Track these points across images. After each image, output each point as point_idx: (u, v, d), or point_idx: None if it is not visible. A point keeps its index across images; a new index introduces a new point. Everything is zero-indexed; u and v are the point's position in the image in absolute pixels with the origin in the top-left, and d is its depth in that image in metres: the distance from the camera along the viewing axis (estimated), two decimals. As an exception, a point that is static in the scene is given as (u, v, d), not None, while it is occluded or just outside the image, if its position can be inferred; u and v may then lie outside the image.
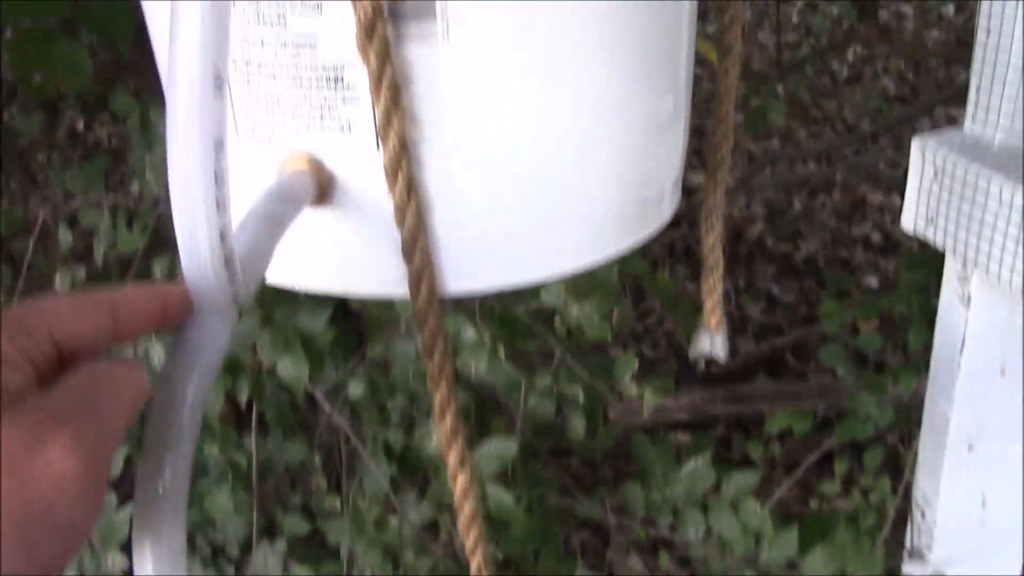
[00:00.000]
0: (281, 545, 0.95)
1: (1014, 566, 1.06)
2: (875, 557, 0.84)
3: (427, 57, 0.38)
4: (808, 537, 1.01)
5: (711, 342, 0.59)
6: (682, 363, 2.15)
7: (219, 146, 0.32)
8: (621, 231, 0.47)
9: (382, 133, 0.38)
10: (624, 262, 0.99)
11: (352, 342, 0.82)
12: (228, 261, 0.34)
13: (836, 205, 2.91)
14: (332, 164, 0.40)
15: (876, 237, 2.72)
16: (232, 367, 0.77)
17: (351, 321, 0.81)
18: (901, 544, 1.05)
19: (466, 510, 0.47)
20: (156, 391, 0.34)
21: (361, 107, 0.38)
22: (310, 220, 0.42)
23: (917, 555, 1.02)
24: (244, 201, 0.39)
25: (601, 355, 1.10)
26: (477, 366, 0.74)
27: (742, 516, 0.85)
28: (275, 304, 0.73)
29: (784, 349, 2.25)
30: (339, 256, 0.42)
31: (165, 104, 0.31)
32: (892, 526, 1.07)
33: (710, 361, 2.21)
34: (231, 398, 1.05)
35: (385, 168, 0.38)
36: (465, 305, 0.77)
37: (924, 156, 0.85)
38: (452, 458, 0.45)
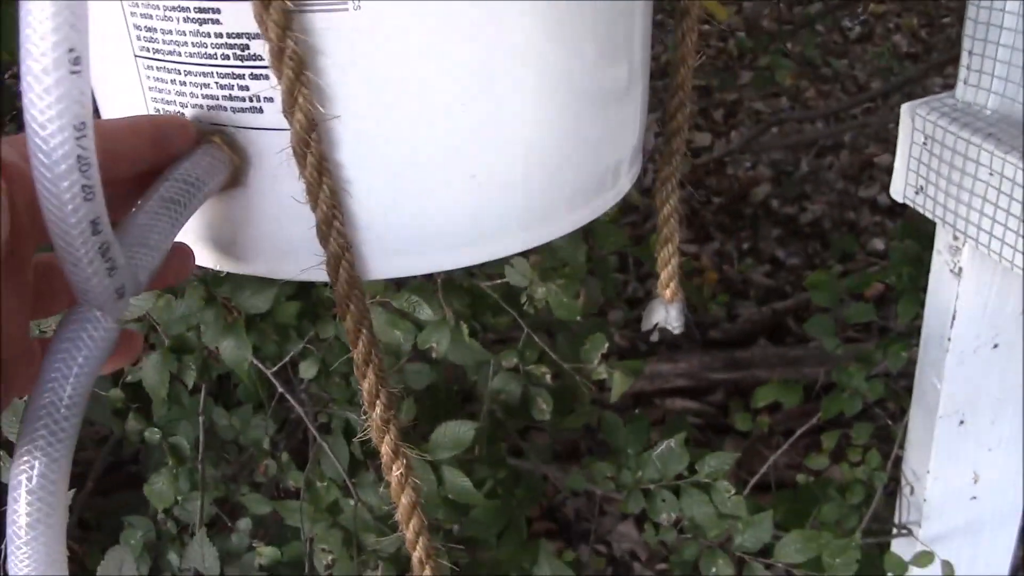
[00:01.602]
0: (245, 523, 0.94)
1: (1007, 543, 1.05)
2: (853, 548, 0.82)
3: (336, 27, 0.35)
4: (787, 518, 0.99)
5: (666, 313, 0.57)
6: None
7: (81, 129, 0.29)
8: (573, 205, 0.44)
9: (287, 110, 0.35)
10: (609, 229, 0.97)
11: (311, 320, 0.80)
12: (104, 251, 0.31)
13: (844, 166, 2.86)
14: (244, 142, 0.38)
15: (884, 199, 2.68)
16: (180, 347, 0.75)
17: (308, 297, 0.79)
18: (890, 520, 1.03)
19: (404, 502, 0.45)
20: (34, 388, 0.32)
21: (269, 82, 0.36)
22: (227, 200, 0.39)
23: (906, 531, 1.01)
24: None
25: (590, 322, 1.08)
26: (439, 345, 0.72)
27: (715, 499, 0.83)
28: (217, 283, 0.71)
29: (786, 313, 2.22)
30: (257, 238, 0.40)
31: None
32: (880, 502, 1.05)
33: (710, 325, 2.18)
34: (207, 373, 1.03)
35: (293, 148, 0.36)
36: (431, 280, 0.75)
37: (914, 123, 0.82)
38: (385, 449, 0.43)
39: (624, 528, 1.73)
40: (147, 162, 0.36)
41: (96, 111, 0.41)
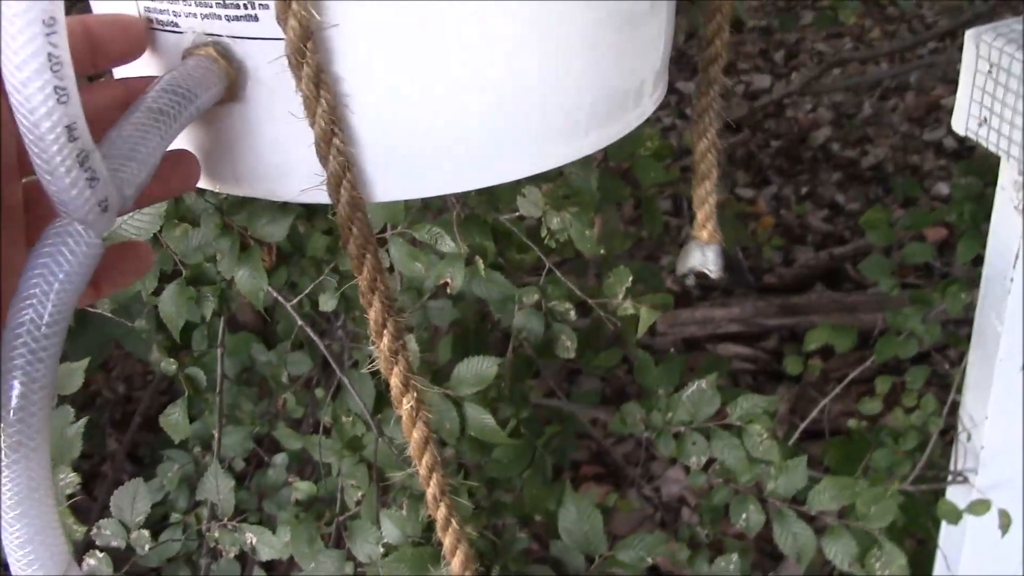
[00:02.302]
0: (282, 459, 0.94)
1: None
2: (890, 496, 0.79)
3: (331, -76, 0.32)
4: (839, 464, 0.96)
5: (703, 256, 0.53)
6: (735, 273, 2.09)
7: (51, 24, 0.27)
8: (591, 127, 0.41)
9: (281, 16, 0.32)
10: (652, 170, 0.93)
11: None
12: (83, 160, 0.29)
13: (908, 108, 2.77)
14: (240, 53, 0.35)
15: (950, 142, 2.59)
16: (198, 277, 0.73)
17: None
18: (945, 467, 1.00)
19: (415, 436, 0.43)
20: (12, 306, 0.30)
21: (265, -15, 0.33)
22: (223, 117, 0.37)
23: (962, 479, 0.97)
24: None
25: (636, 264, 1.05)
26: (454, 280, 0.69)
27: (747, 443, 0.80)
28: (233, 211, 0.69)
29: (844, 259, 2.16)
30: (255, 157, 0.38)
31: None
32: (936, 448, 1.02)
33: (765, 270, 2.14)
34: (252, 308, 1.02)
35: (288, 58, 0.33)
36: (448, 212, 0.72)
37: (978, 50, 0.78)
38: (394, 382, 0.41)
39: (674, 473, 1.71)
40: (86, 66, 0.34)
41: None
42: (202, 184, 0.40)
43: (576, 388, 1.69)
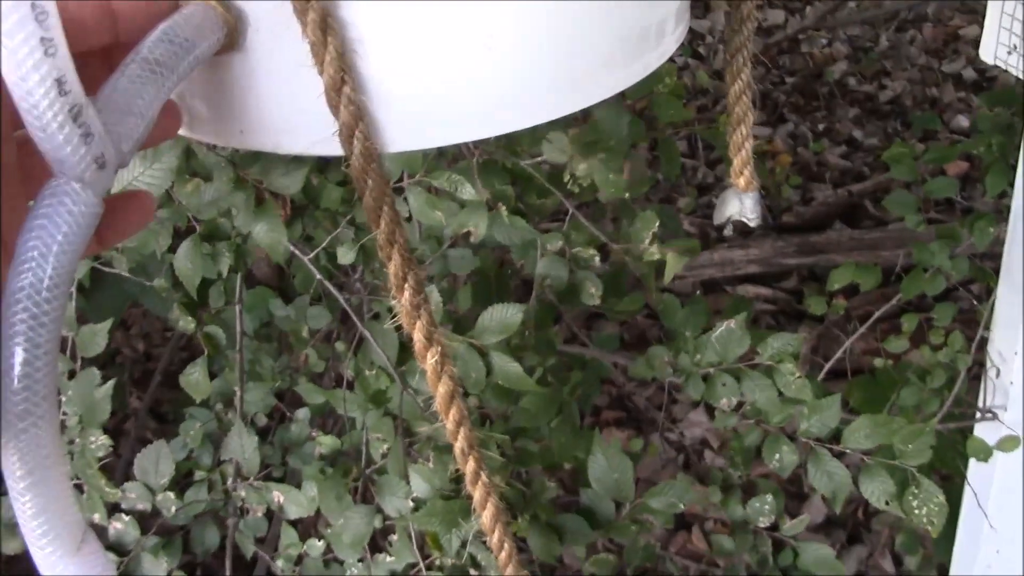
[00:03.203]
0: (304, 413, 0.93)
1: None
2: (927, 433, 0.77)
3: None
4: (864, 404, 0.95)
5: (740, 204, 0.52)
6: (753, 213, 2.06)
7: None
8: (610, 68, 0.39)
9: (284, -45, 0.31)
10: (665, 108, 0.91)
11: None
12: (76, 115, 0.28)
13: (926, 40, 2.72)
14: (241, -1, 0.34)
15: (969, 74, 2.54)
16: (213, 233, 0.72)
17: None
18: (973, 404, 0.99)
19: (441, 391, 0.42)
20: (11, 270, 0.29)
21: (267, -75, 0.32)
22: (225, 67, 0.36)
23: (991, 416, 0.96)
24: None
25: (655, 207, 1.04)
26: (478, 228, 0.68)
27: (778, 383, 0.79)
28: (247, 164, 0.67)
29: (864, 196, 2.13)
30: (261, 109, 0.36)
31: None
32: (964, 386, 1.00)
33: (784, 209, 2.10)
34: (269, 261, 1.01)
35: (293, 3, 0.32)
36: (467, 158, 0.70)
37: (1006, -27, 0.75)
38: (417, 336, 0.40)
39: (696, 416, 1.70)
40: (105, 37, 0.32)
41: None
42: (206, 139, 0.38)
43: (595, 333, 1.68)
